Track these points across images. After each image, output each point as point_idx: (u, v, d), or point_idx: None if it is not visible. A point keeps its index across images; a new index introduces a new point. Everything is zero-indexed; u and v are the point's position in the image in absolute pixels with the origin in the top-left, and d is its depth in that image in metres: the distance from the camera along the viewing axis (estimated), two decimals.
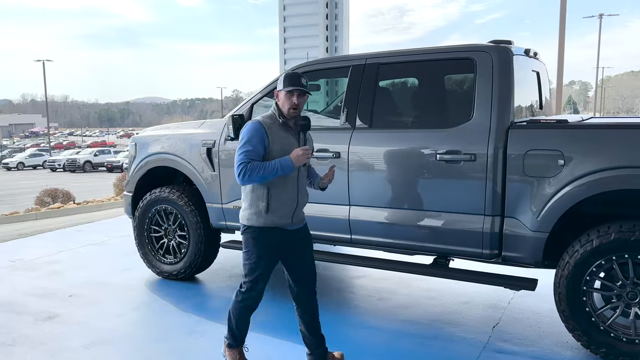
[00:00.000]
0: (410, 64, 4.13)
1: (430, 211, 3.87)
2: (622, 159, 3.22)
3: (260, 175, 3.01)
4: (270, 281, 3.29)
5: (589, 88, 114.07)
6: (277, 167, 3.01)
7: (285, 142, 3.10)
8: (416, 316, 4.25)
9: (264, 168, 3.00)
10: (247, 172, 2.99)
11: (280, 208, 3.13)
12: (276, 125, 3.11)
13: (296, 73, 3.20)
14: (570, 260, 3.39)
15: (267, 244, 3.17)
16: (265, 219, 3.12)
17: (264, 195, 3.10)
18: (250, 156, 3.01)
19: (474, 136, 3.67)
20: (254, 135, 3.03)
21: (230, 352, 3.37)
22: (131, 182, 5.28)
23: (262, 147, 3.04)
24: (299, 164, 3.08)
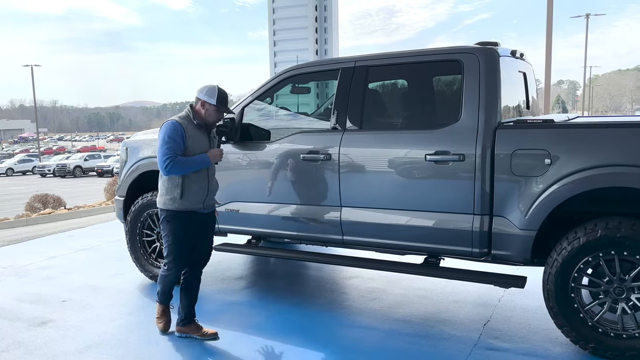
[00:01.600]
0: (399, 66, 4.17)
1: (421, 211, 3.91)
2: (607, 158, 3.28)
3: (183, 168, 3.67)
4: (262, 283, 3.31)
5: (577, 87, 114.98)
6: (198, 162, 3.70)
7: (198, 140, 3.77)
8: (408, 315, 4.29)
9: (187, 162, 3.67)
10: (174, 165, 3.62)
11: (193, 195, 3.76)
12: (191, 126, 3.75)
13: (226, 94, 3.80)
14: (558, 257, 3.45)
15: (182, 225, 3.78)
16: (179, 204, 3.74)
17: (179, 184, 3.72)
18: (174, 151, 3.62)
19: (462, 137, 3.72)
20: (176, 134, 3.65)
21: (158, 305, 4.12)
22: (123, 187, 5.29)
23: (182, 143, 3.67)
24: (214, 162, 3.83)
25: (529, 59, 4.61)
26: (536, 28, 60.39)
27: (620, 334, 3.33)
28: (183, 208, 3.76)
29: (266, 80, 4.61)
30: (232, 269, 5.61)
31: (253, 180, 4.58)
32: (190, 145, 3.71)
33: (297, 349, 3.75)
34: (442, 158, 3.77)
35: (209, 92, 3.74)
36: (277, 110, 5.06)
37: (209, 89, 3.75)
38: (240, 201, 4.63)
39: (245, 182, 4.63)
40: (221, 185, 4.65)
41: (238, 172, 4.63)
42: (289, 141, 4.40)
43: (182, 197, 3.73)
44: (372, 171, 4.07)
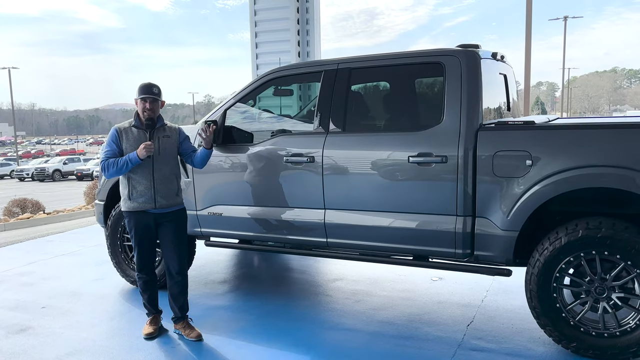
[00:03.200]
0: (381, 69, 4.18)
1: (404, 213, 3.92)
2: (587, 159, 3.32)
3: (117, 169, 3.79)
4: (246, 286, 3.29)
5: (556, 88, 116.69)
6: (126, 160, 3.77)
7: (136, 141, 3.83)
8: (393, 317, 4.30)
9: (117, 162, 3.78)
10: (106, 167, 3.80)
11: (140, 195, 3.86)
12: (129, 128, 3.88)
13: (149, 83, 3.88)
14: (540, 257, 3.48)
15: (135, 224, 3.91)
16: (129, 204, 3.89)
17: (126, 184, 3.89)
18: (108, 155, 3.82)
19: (445, 139, 3.74)
20: (111, 139, 3.86)
21: (149, 319, 4.14)
22: (103, 191, 5.21)
23: (117, 146, 3.83)
24: (143, 156, 3.76)
25: (509, 61, 4.66)
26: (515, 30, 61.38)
27: (602, 332, 3.37)
28: (133, 208, 3.88)
29: (249, 83, 4.58)
30: (215, 272, 5.57)
31: (236, 183, 4.55)
32: (127, 148, 3.83)
33: (281, 352, 3.73)
34: (425, 160, 3.78)
35: (137, 91, 3.87)
36: (260, 112, 5.03)
37: (137, 89, 3.88)
38: (223, 204, 4.59)
39: (228, 185, 4.59)
40: (203, 188, 4.63)
41: (221, 174, 4.59)
42: (272, 143, 4.37)
43: (131, 197, 3.87)
44: (356, 173, 4.07)
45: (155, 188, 3.87)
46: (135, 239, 3.96)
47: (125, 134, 3.85)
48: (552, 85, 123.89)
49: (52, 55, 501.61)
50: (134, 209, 3.88)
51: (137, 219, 3.90)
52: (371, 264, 5.12)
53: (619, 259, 3.28)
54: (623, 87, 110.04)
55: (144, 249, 4.00)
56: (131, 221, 3.92)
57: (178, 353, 3.79)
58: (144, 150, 3.75)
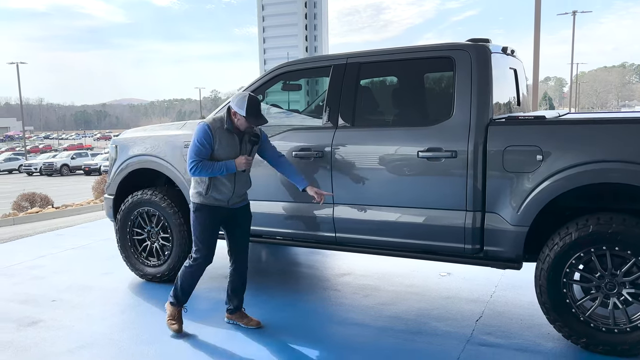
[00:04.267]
0: (391, 63, 4.17)
1: (413, 208, 3.92)
2: (598, 154, 3.30)
3: (209, 173, 3.74)
4: (254, 281, 3.29)
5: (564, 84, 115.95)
6: (223, 168, 3.74)
7: (229, 145, 3.79)
8: (401, 312, 4.30)
9: (212, 167, 3.73)
10: (197, 168, 3.72)
11: (218, 193, 3.83)
12: (222, 130, 3.76)
13: (257, 104, 3.71)
14: (550, 253, 3.47)
15: (207, 217, 3.86)
16: (204, 199, 3.84)
17: (205, 180, 3.81)
18: (200, 155, 3.72)
19: (455, 133, 3.73)
20: (205, 139, 3.72)
21: (171, 307, 4.10)
22: (112, 185, 5.24)
23: (210, 147, 3.74)
24: (241, 169, 3.81)
25: (519, 55, 4.63)
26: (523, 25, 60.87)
27: (612, 328, 3.36)
28: (208, 203, 3.86)
29: (258, 77, 4.58)
30: (224, 267, 5.55)
31: None
32: (218, 149, 3.76)
33: (290, 347, 3.75)
34: (435, 155, 3.77)
35: (239, 102, 3.69)
36: (269, 107, 5.03)
37: (239, 99, 3.71)
38: None
39: None
40: None
41: None
42: (281, 138, 4.38)
43: (207, 193, 3.82)
44: (365, 168, 4.07)
45: (234, 191, 3.88)
46: (204, 228, 3.88)
47: (218, 135, 3.74)
48: (560, 80, 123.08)
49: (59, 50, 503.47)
50: (209, 204, 3.86)
51: (210, 211, 3.87)
52: (379, 259, 5.12)
53: (629, 255, 3.26)
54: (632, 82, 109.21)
55: (211, 237, 3.94)
56: (203, 212, 3.87)
57: (189, 346, 3.81)
58: (243, 165, 3.79)
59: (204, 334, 4.00)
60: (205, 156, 3.74)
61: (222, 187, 3.83)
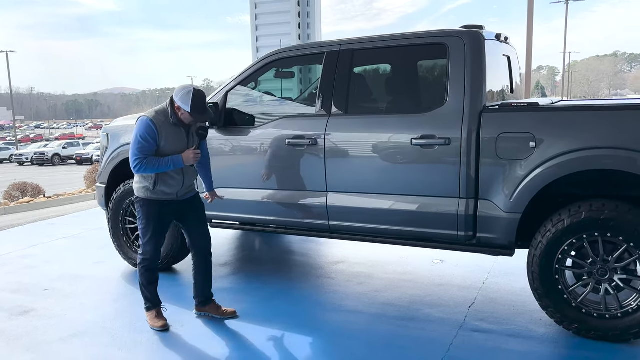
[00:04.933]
0: (384, 50, 4.14)
1: (407, 195, 3.91)
2: (591, 140, 3.30)
3: (155, 170, 3.58)
4: (247, 269, 3.29)
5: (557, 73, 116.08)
6: (170, 164, 3.60)
7: (176, 139, 3.64)
8: (394, 299, 4.31)
9: (159, 164, 3.57)
10: (142, 166, 3.55)
11: (166, 187, 3.70)
12: (167, 124, 3.60)
13: (202, 99, 3.55)
14: (542, 239, 3.48)
15: (155, 212, 3.72)
16: (152, 193, 3.70)
17: (151, 175, 3.66)
18: (144, 152, 3.55)
19: (448, 120, 3.72)
20: (148, 134, 3.53)
21: (148, 313, 3.94)
22: (104, 174, 5.20)
23: (154, 142, 3.56)
24: (189, 164, 3.69)
25: (513, 43, 4.62)
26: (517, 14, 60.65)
27: (604, 314, 3.39)
28: (156, 197, 3.72)
29: (250, 65, 4.54)
30: (217, 255, 5.57)
31: (237, 166, 4.54)
32: (164, 145, 3.61)
33: (285, 334, 3.75)
34: (428, 142, 3.76)
35: (183, 97, 3.52)
36: (261, 95, 5.00)
37: (183, 94, 3.52)
38: (224, 187, 4.58)
39: (229, 168, 4.58)
40: None
41: (222, 157, 4.57)
42: (274, 126, 4.35)
43: (155, 188, 3.68)
44: (358, 156, 4.06)
45: (184, 183, 3.78)
46: (150, 223, 3.75)
47: (164, 130, 3.58)
48: (553, 69, 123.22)
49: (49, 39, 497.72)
50: (157, 198, 3.72)
51: (159, 206, 3.73)
52: (373, 247, 5.13)
53: (621, 241, 3.28)
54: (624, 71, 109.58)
55: (161, 238, 3.88)
56: (150, 207, 3.73)
57: (181, 334, 3.80)
58: (192, 159, 3.67)
59: (197, 323, 4.00)
60: (149, 152, 3.55)
61: (170, 181, 3.69)
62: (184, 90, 3.55)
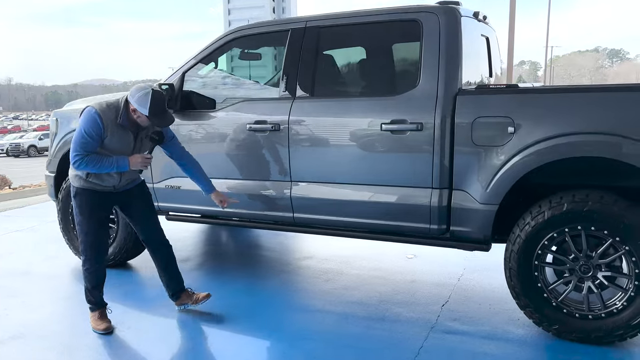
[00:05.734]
0: (353, 27, 3.80)
1: (376, 185, 3.61)
2: (575, 125, 3.02)
3: (96, 169, 3.24)
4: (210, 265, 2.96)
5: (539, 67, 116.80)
6: (113, 166, 3.24)
7: (120, 141, 3.28)
8: (364, 297, 4.01)
9: (100, 163, 3.22)
10: (83, 163, 3.20)
11: (102, 179, 3.36)
12: (115, 124, 3.24)
13: (162, 101, 3.21)
14: (520, 233, 3.20)
15: (90, 202, 3.37)
16: (85, 183, 3.36)
17: None
18: (87, 149, 3.19)
19: (420, 104, 3.42)
20: (93, 129, 3.17)
21: (91, 314, 3.56)
22: (53, 162, 4.81)
23: (99, 139, 3.20)
24: (135, 169, 3.33)
25: (492, 23, 4.32)
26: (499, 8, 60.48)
27: (586, 314, 3.12)
28: (90, 187, 3.37)
29: (209, 43, 4.18)
30: (177, 250, 5.17)
31: (195, 153, 4.16)
32: (108, 143, 3.25)
33: (242, 336, 3.43)
34: (399, 127, 3.46)
35: (140, 99, 3.15)
36: (223, 76, 4.65)
37: (140, 95, 3.16)
38: (181, 176, 4.21)
39: None
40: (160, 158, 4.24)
41: None
42: (234, 110, 4.01)
43: (88, 177, 3.35)
44: (324, 142, 3.74)
45: (121, 180, 3.44)
46: (87, 221, 3.38)
47: (110, 128, 3.21)
48: (535, 64, 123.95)
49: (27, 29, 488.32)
50: (91, 188, 3.36)
51: (93, 198, 3.35)
52: (343, 241, 4.82)
53: (606, 235, 3.00)
54: (605, 66, 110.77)
55: (101, 234, 3.49)
56: (85, 196, 3.36)
57: (127, 338, 3.46)
58: (139, 164, 3.31)
59: (148, 324, 3.66)
60: (92, 149, 3.20)
61: (105, 176, 3.36)
62: (142, 91, 3.18)
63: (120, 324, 3.60)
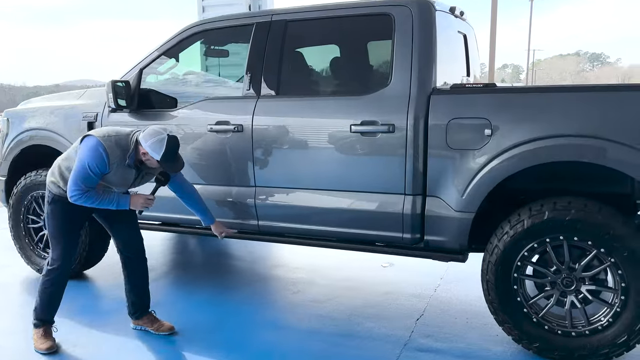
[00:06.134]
0: (322, 22, 3.55)
1: (345, 191, 3.36)
2: (557, 127, 2.80)
3: (94, 205, 3.05)
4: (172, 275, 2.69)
5: (521, 71, 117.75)
6: (113, 203, 3.08)
7: (124, 175, 3.12)
8: (334, 310, 3.75)
9: (99, 200, 3.04)
10: (81, 198, 2.99)
11: None
12: (122, 159, 3.05)
13: (175, 147, 3.02)
14: (499, 243, 2.96)
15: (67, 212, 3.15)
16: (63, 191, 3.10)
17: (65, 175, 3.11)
18: (88, 184, 2.99)
19: (392, 104, 3.17)
20: (98, 166, 2.97)
21: (35, 330, 3.29)
22: (4, 165, 4.48)
23: (101, 176, 3.02)
24: (135, 209, 3.18)
25: (470, 20, 4.10)
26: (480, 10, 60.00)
27: (569, 331, 2.89)
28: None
29: (169, 37, 3.90)
30: None
31: None
32: (109, 177, 3.06)
33: (198, 357, 3.15)
34: (369, 129, 3.21)
35: (154, 144, 2.95)
36: (186, 73, 4.37)
37: (154, 141, 2.96)
38: None
39: None
40: None
41: None
42: (194, 109, 3.74)
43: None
44: (290, 145, 3.47)
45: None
46: (62, 229, 3.17)
47: (112, 165, 3.01)
48: (517, 67, 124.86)
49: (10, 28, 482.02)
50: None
51: (70, 206, 3.08)
52: (315, 249, 4.55)
53: (590, 246, 2.78)
54: (586, 70, 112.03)
55: (74, 242, 3.28)
56: (59, 207, 3.15)
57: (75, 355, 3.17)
58: (140, 206, 3.15)
59: (98, 342, 3.35)
60: (93, 185, 3.01)
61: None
62: (156, 136, 2.97)
63: (66, 342, 3.29)
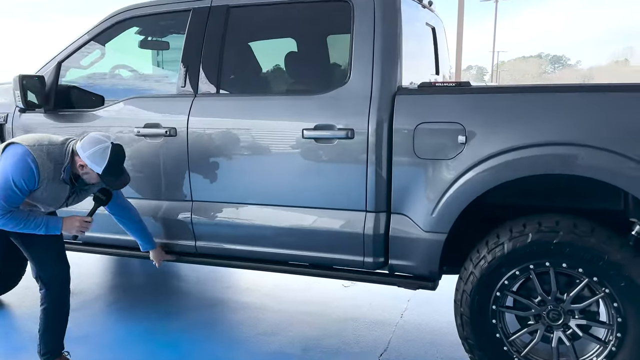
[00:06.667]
0: (271, 8, 3.04)
1: (297, 207, 2.87)
2: (543, 134, 2.37)
3: (17, 228, 2.59)
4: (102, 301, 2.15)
5: (485, 72, 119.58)
6: (41, 228, 2.62)
7: (55, 193, 2.65)
8: (286, 344, 3.24)
9: (25, 222, 2.58)
10: (4, 219, 2.54)
11: None
12: (55, 173, 2.59)
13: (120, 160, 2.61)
14: (474, 270, 2.52)
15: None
16: None
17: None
18: (11, 203, 2.53)
19: (351, 105, 2.70)
20: (26, 182, 2.50)
21: None
22: None
23: (28, 193, 2.56)
24: (69, 233, 2.75)
25: (438, 11, 3.66)
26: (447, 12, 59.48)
27: None
28: None
29: (91, 26, 3.33)
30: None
31: None
32: (37, 195, 2.59)
33: None
34: (324, 134, 2.73)
35: (94, 155, 2.52)
36: (113, 70, 3.80)
37: (95, 151, 2.52)
38: None
39: None
40: None
41: None
42: (119, 109, 3.18)
43: None
44: (232, 152, 2.96)
45: None
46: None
47: (42, 181, 2.55)
48: (482, 69, 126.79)
49: None
50: None
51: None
52: None
53: (580, 274, 2.36)
54: (547, 72, 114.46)
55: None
56: None
57: None
58: (76, 229, 2.72)
59: None
60: (17, 204, 2.55)
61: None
62: (98, 145, 2.54)
63: None
